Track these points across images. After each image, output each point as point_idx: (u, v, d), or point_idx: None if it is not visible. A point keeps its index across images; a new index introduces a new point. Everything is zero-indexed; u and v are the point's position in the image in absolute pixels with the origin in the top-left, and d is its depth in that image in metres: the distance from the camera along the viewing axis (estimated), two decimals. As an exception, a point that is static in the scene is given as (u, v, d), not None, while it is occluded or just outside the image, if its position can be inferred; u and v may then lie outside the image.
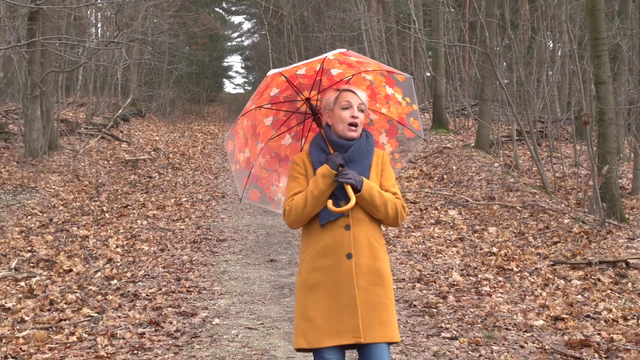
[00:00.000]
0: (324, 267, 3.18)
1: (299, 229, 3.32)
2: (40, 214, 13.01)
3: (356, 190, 3.14)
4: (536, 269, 9.21)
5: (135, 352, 6.15)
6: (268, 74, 3.30)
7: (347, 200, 3.10)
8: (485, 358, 5.95)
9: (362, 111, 3.25)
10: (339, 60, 3.38)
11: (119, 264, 9.80)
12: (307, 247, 3.31)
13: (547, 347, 6.14)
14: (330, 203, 3.11)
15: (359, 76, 3.50)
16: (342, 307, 3.12)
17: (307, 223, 3.29)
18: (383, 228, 3.39)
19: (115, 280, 8.86)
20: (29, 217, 12.85)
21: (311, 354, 3.31)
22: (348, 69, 3.46)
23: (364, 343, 3.07)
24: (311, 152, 3.33)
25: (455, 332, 6.70)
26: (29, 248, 10.63)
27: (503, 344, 6.33)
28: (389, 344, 3.17)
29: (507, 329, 6.88)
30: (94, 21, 26.52)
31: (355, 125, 3.20)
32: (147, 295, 8.20)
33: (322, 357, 3.15)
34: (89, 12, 25.04)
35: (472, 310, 7.55)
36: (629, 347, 6.02)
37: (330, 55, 3.26)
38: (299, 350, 3.25)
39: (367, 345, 3.10)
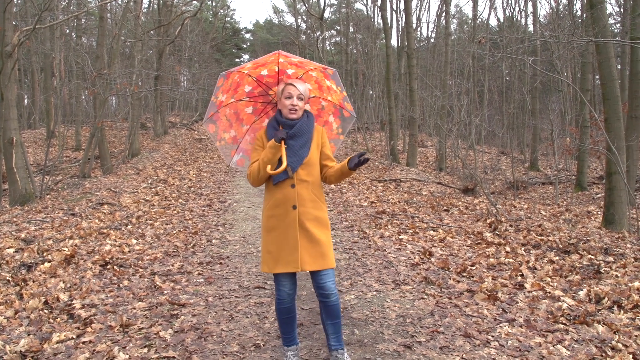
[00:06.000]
0: (277, 214, 2.92)
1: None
2: (161, 161, 17.72)
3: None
4: (364, 183, 12.54)
5: (200, 217, 8.73)
6: (222, 73, 3.09)
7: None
8: (345, 218, 8.38)
9: (301, 99, 2.93)
10: (288, 62, 3.08)
11: (194, 181, 13.50)
12: (266, 200, 3.02)
13: (368, 213, 8.71)
14: (268, 168, 2.86)
15: (307, 74, 3.17)
16: (288, 244, 2.88)
17: (267, 183, 3.00)
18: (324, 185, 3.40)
19: (192, 188, 12.24)
20: (155, 162, 17.44)
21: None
22: (298, 68, 3.13)
23: (301, 271, 2.86)
24: (267, 130, 3.02)
25: (331, 208, 9.28)
26: (156, 175, 14.71)
27: (350, 212, 8.91)
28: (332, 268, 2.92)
29: (352, 206, 9.51)
30: (182, 79, 40.44)
31: (294, 110, 2.92)
32: (205, 194, 11.32)
33: (278, 279, 2.96)
34: (181, 76, 38.80)
35: (339, 199, 10.35)
36: (400, 214, 8.66)
37: (280, 59, 3.02)
38: (274, 275, 2.98)
39: (315, 271, 2.88)
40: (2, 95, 10.69)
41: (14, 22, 11.61)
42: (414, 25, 27.14)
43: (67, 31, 27.84)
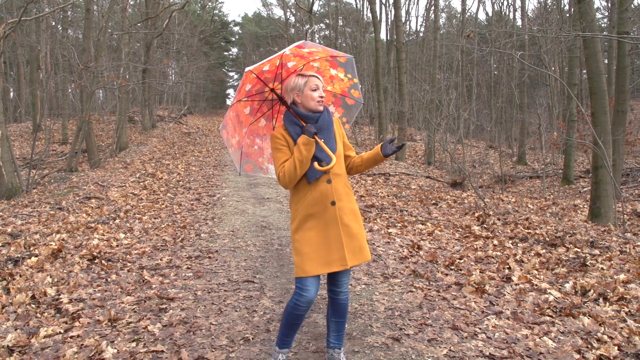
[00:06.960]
0: (314, 213, 2.72)
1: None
2: (149, 155, 17.55)
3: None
4: (353, 176, 12.29)
5: (189, 211, 8.66)
6: (245, 69, 2.84)
7: (328, 160, 2.71)
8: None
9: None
10: (294, 53, 2.93)
11: (182, 175, 13.39)
12: (298, 200, 2.80)
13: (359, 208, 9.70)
14: (316, 164, 2.68)
15: (308, 65, 3.06)
16: (330, 243, 2.71)
17: (297, 182, 2.79)
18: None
19: (181, 182, 12.12)
20: (143, 155, 17.26)
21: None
22: (300, 60, 3.01)
23: (343, 269, 2.73)
24: (287, 127, 2.81)
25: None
26: (144, 168, 14.55)
27: (340, 206, 9.68)
28: None
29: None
30: (170, 73, 39.98)
31: (322, 102, 2.80)
32: (194, 187, 11.26)
33: (305, 283, 2.74)
34: (169, 70, 38.30)
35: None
36: (389, 207, 8.69)
37: (287, 50, 2.85)
38: (298, 277, 2.74)
39: None
40: (-13, 88, 10.52)
41: (-2, 14, 11.37)
42: (403, 19, 27.21)
43: (53, 23, 27.44)
